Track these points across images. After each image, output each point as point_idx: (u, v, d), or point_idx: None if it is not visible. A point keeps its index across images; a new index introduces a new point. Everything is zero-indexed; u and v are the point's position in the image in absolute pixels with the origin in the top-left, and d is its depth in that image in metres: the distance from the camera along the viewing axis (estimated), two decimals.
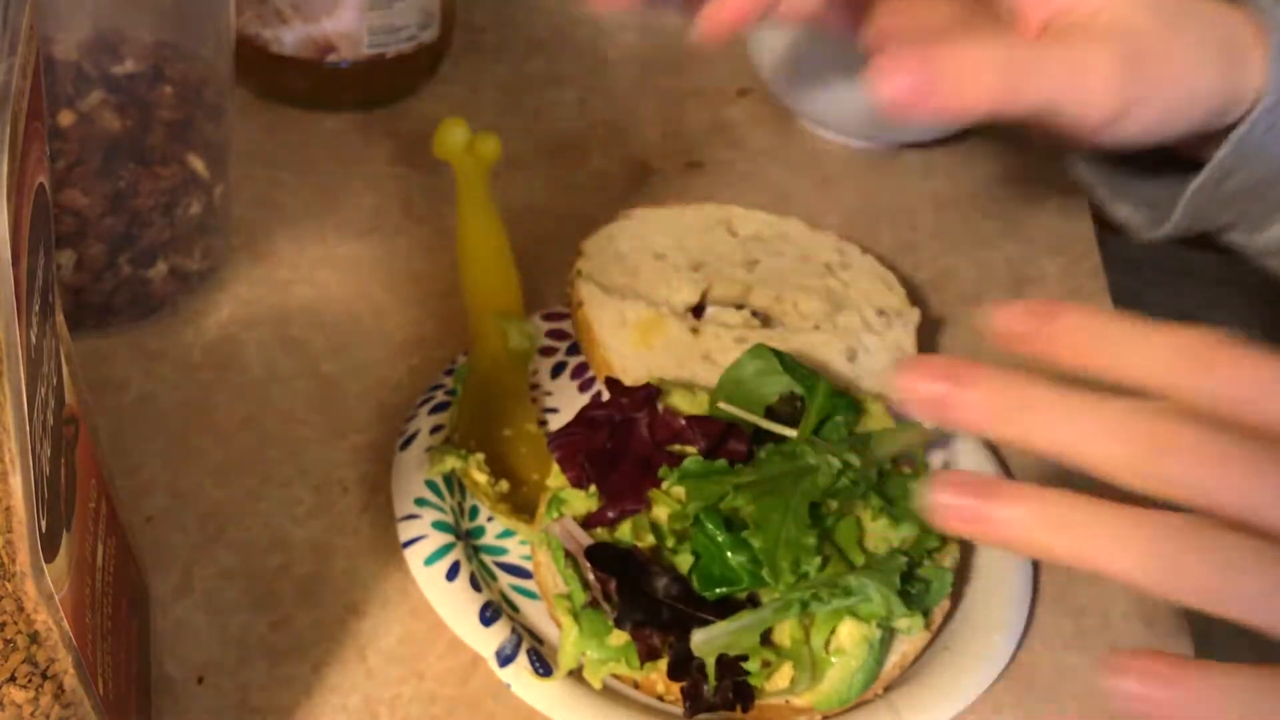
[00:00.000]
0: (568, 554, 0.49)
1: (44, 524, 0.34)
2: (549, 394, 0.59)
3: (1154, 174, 0.55)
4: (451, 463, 0.53)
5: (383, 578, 0.52)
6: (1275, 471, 0.32)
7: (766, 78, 0.76)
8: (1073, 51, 0.46)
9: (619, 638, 0.47)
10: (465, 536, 0.53)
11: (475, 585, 0.51)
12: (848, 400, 0.54)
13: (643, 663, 0.47)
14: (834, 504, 0.50)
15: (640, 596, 0.47)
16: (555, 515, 0.50)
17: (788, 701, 0.48)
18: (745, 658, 0.47)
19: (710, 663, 0.46)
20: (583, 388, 0.60)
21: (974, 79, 0.42)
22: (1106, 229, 0.74)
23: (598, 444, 0.52)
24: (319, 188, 0.69)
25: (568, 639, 0.48)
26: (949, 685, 0.50)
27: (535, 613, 0.51)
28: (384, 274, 0.65)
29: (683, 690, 0.47)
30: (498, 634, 0.49)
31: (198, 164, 0.59)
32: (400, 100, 0.75)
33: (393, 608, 0.51)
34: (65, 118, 0.55)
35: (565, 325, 0.62)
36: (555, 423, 0.58)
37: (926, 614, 0.50)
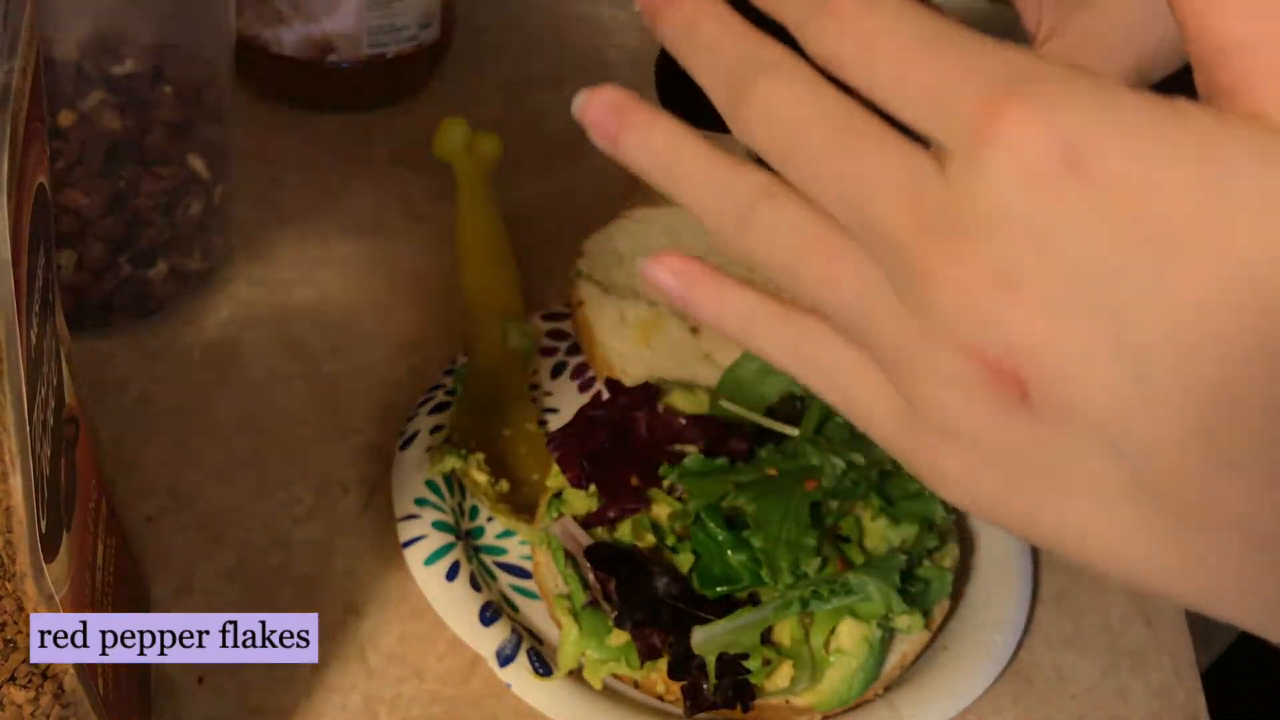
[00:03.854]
0: (568, 554, 0.49)
1: (44, 524, 0.34)
2: (549, 394, 0.59)
3: None
4: (451, 463, 0.53)
5: (383, 578, 0.52)
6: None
7: None
8: None
9: (619, 638, 0.47)
10: (465, 536, 0.53)
11: (475, 585, 0.51)
12: None
13: (643, 663, 0.47)
14: (834, 504, 0.50)
15: (640, 596, 0.47)
16: (555, 515, 0.50)
17: (788, 701, 0.48)
18: (745, 657, 0.47)
19: (710, 662, 0.46)
20: (583, 388, 0.60)
21: (725, 314, 0.35)
22: None
23: (597, 444, 0.52)
24: (319, 188, 0.69)
25: (568, 639, 0.48)
26: (949, 685, 0.50)
27: (535, 613, 0.51)
28: (384, 274, 0.64)
29: (683, 689, 0.47)
30: (498, 634, 0.49)
31: (198, 164, 0.59)
32: (400, 100, 0.75)
33: (393, 608, 0.51)
34: (65, 118, 0.55)
35: (565, 325, 0.62)
36: (555, 423, 0.58)
37: (926, 613, 0.50)
